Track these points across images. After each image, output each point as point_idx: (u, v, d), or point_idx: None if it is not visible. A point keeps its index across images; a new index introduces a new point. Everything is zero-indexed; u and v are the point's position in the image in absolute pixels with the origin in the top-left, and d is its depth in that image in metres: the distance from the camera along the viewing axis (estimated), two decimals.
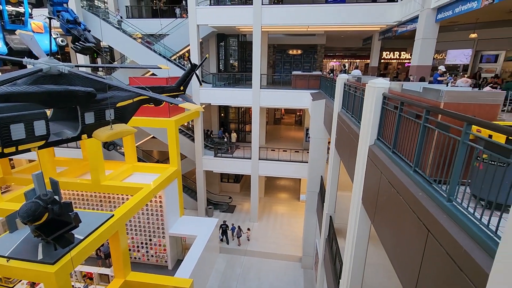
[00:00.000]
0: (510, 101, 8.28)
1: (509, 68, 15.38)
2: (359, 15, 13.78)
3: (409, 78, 10.41)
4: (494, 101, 2.86)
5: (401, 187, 3.44)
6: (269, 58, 20.98)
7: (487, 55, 15.67)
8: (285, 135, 22.90)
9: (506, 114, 7.98)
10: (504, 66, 15.36)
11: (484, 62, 15.72)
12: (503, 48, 15.03)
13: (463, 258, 2.16)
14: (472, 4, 7.98)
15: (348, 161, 6.83)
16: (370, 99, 4.83)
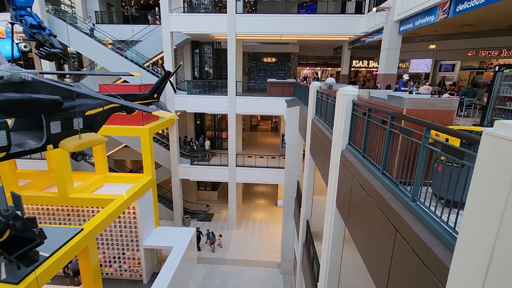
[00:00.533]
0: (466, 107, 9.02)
1: (465, 76, 16.77)
2: (330, 25, 14.39)
3: (377, 85, 10.98)
4: (449, 107, 3.11)
5: (371, 189, 3.61)
6: (244, 65, 21.18)
7: (445, 65, 16.99)
8: (262, 141, 23.07)
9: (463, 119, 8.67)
10: (460, 74, 16.72)
11: (443, 71, 17.03)
12: (458, 58, 16.38)
13: (427, 254, 2.31)
14: (430, 18, 8.64)
15: (322, 166, 7.04)
16: (341, 106, 5.05)
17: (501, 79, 4.77)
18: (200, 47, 20.28)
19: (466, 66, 16.50)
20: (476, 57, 15.54)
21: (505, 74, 4.68)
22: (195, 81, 18.67)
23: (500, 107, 4.72)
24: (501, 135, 1.49)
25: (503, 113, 4.71)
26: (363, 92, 4.86)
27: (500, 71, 4.77)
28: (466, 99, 8.73)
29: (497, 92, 4.89)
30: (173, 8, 15.55)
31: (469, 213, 1.74)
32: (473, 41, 14.72)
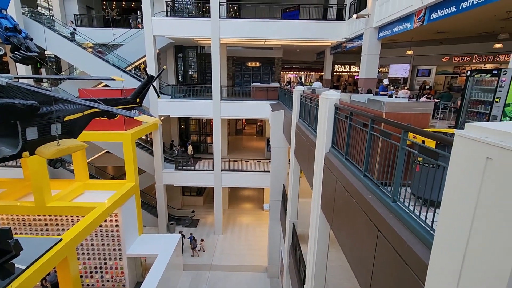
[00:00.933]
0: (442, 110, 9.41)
1: (440, 81, 17.53)
2: (312, 31, 14.70)
3: (358, 90, 11.29)
4: (425, 111, 3.26)
5: (354, 191, 3.69)
6: (228, 70, 21.19)
7: (422, 69, 17.72)
8: (247, 145, 23.07)
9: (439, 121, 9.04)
10: (436, 79, 17.47)
11: (420, 75, 17.74)
12: (434, 64, 17.13)
13: (407, 253, 2.39)
14: (407, 25, 9.02)
15: (307, 169, 7.13)
16: (324, 110, 5.15)
17: (472, 84, 5.04)
18: (184, 51, 20.14)
19: (441, 71, 17.28)
20: (450, 63, 16.32)
21: (476, 78, 4.95)
22: (179, 86, 18.50)
23: (472, 110, 4.98)
24: (471, 136, 1.58)
25: (475, 115, 4.97)
26: (344, 96, 5.00)
27: (471, 76, 5.04)
28: (442, 102, 9.13)
29: (469, 95, 5.15)
30: (155, 12, 15.39)
31: (444, 212, 1.82)
32: (447, 48, 15.46)
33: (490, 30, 11.28)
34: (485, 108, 4.66)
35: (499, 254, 1.39)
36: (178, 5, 18.43)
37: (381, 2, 10.40)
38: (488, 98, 4.66)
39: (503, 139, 1.42)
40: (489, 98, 4.60)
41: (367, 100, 3.89)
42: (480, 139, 1.52)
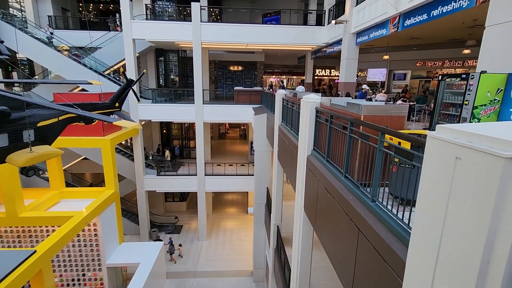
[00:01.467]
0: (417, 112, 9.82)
1: (415, 84, 18.32)
2: (293, 36, 14.96)
3: (338, 93, 11.57)
4: (401, 113, 3.39)
5: (335, 192, 3.77)
6: (210, 73, 21.10)
7: (398, 74, 18.46)
8: (231, 149, 22.99)
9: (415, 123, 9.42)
10: (411, 83, 18.24)
11: (396, 79, 18.47)
12: (409, 68, 17.90)
13: (386, 251, 2.46)
14: (382, 31, 9.38)
15: (290, 172, 7.19)
16: (305, 113, 5.24)
17: (444, 87, 5.30)
18: (165, 54, 19.86)
19: (416, 75, 18.08)
20: (424, 67, 17.11)
21: (447, 82, 5.21)
22: (160, 89, 18.18)
23: (444, 112, 5.23)
24: (441, 137, 1.66)
25: (447, 117, 5.21)
26: (325, 99, 5.11)
27: (442, 80, 5.30)
28: (417, 105, 9.53)
29: (441, 98, 5.41)
30: (135, 15, 15.12)
31: (419, 210, 1.90)
32: (420, 53, 16.22)
33: (459, 36, 11.95)
34: (456, 111, 4.90)
35: (469, 249, 1.47)
36: (158, 8, 18.20)
37: (359, 8, 10.76)
38: (458, 101, 4.90)
39: (470, 139, 1.50)
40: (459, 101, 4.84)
41: (346, 103, 3.99)
42: (450, 140, 1.60)
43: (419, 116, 9.90)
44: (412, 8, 7.67)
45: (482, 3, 5.43)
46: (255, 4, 21.32)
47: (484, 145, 1.40)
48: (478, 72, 4.24)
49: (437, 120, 5.40)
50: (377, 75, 18.07)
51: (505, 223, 1.32)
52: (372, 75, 18.69)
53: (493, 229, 1.36)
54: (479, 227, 1.41)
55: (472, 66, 14.50)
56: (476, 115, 4.39)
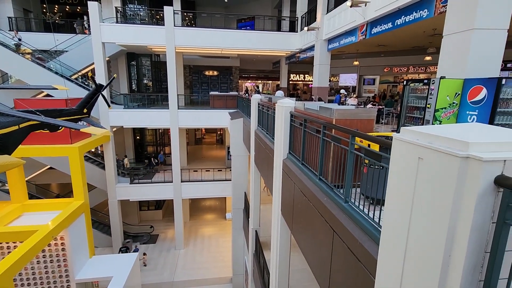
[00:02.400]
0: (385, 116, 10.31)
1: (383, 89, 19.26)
2: (267, 41, 15.18)
3: (312, 97, 11.87)
4: (369, 117, 3.55)
5: (310, 194, 3.84)
6: (185, 78, 20.81)
7: (368, 79, 19.33)
8: (207, 154, 22.72)
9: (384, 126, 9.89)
10: (380, 87, 19.17)
11: (366, 84, 19.33)
12: (377, 74, 18.82)
13: (359, 250, 2.54)
14: (352, 38, 9.80)
15: (267, 176, 7.23)
16: (280, 117, 5.32)
17: (408, 92, 5.63)
18: (137, 59, 19.32)
19: (384, 80, 19.05)
20: (391, 73, 18.09)
21: (411, 87, 5.54)
22: (133, 95, 17.61)
23: (410, 115, 5.54)
24: (405, 139, 1.76)
25: (412, 120, 5.54)
26: (299, 104, 5.22)
27: (407, 85, 5.63)
28: (386, 109, 10.02)
29: (406, 102, 5.73)
30: (104, 18, 14.58)
31: (388, 209, 1.98)
32: (387, 59, 17.13)
33: (421, 44, 12.78)
34: (420, 113, 5.22)
35: (433, 244, 1.55)
36: (129, 11, 17.70)
37: (329, 16, 11.17)
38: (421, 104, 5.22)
39: (430, 141, 1.60)
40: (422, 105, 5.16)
41: (319, 107, 4.11)
42: (413, 142, 1.70)
43: (388, 119, 10.41)
44: (378, 17, 8.10)
45: (440, 14, 5.86)
46: (229, 9, 21.42)
47: (443, 145, 1.50)
48: (438, 77, 4.55)
49: (403, 123, 5.71)
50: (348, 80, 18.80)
51: (463, 218, 1.41)
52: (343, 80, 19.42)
53: (453, 224, 1.45)
54: (440, 223, 1.51)
55: (433, 72, 15.54)
56: (438, 118, 4.69)
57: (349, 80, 18.76)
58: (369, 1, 8.20)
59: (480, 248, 1.41)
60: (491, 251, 1.40)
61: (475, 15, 4.25)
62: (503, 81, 3.93)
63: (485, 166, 1.32)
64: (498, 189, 1.35)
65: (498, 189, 1.35)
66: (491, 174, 1.34)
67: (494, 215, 1.38)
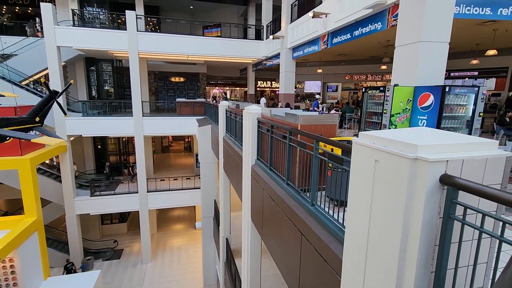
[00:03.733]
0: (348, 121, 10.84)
1: (346, 95, 20.31)
2: (233, 48, 15.29)
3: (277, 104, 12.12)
4: (332, 122, 3.71)
5: (279, 199, 3.90)
6: (150, 85, 20.16)
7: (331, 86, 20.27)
8: (175, 162, 22.09)
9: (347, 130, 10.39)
10: (342, 94, 20.18)
11: (330, 91, 20.25)
12: (339, 81, 19.82)
13: (325, 251, 2.62)
14: (314, 47, 10.24)
15: (236, 182, 7.20)
16: (248, 124, 5.36)
17: (367, 98, 6.01)
18: (97, 64, 18.32)
19: (346, 87, 20.10)
20: (352, 80, 19.17)
21: (369, 94, 5.92)
22: (93, 102, 16.61)
23: (369, 120, 5.91)
24: (363, 143, 1.87)
25: (371, 124, 5.91)
26: (266, 110, 5.30)
27: (366, 92, 6.01)
28: (347, 114, 10.56)
29: (366, 108, 6.11)
30: (60, 20, 13.69)
31: (350, 210, 2.08)
32: (348, 67, 18.14)
33: (377, 54, 13.74)
34: (378, 119, 5.60)
35: (390, 240, 1.66)
36: (88, 14, 16.81)
37: (293, 26, 11.58)
38: (379, 110, 5.60)
39: (385, 144, 1.72)
40: (380, 110, 5.54)
41: (285, 113, 4.21)
42: (370, 145, 1.81)
43: (350, 124, 10.98)
44: (338, 28, 8.57)
45: (392, 27, 6.36)
46: (194, 16, 21.28)
47: (395, 148, 1.62)
48: (392, 85, 4.92)
49: (363, 127, 6.06)
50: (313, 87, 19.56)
51: (415, 215, 1.53)
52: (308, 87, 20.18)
53: (407, 220, 1.57)
54: (396, 220, 1.61)
55: (389, 79, 16.77)
56: (394, 122, 5.06)
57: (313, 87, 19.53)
58: (329, 13, 8.66)
59: (430, 242, 1.53)
60: (439, 244, 1.53)
61: (421, 29, 4.69)
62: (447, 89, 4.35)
63: (431, 166, 1.45)
64: (443, 187, 1.49)
65: (443, 187, 1.49)
66: (437, 173, 1.47)
67: (440, 211, 1.52)
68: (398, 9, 5.47)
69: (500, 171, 1.60)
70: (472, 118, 4.90)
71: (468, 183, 1.37)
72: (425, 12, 4.72)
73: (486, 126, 10.32)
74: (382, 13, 6.62)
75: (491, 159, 1.56)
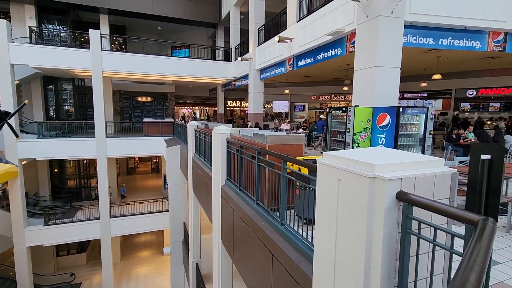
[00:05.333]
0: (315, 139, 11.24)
1: (312, 115, 21.18)
2: (202, 69, 15.42)
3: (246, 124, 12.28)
4: (299, 142, 3.84)
5: (249, 220, 3.86)
6: (115, 104, 19.41)
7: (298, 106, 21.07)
8: (142, 185, 21.06)
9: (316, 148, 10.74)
10: (309, 113, 21.02)
11: (297, 110, 21.01)
12: (306, 101, 20.70)
13: (296, 271, 2.62)
14: (281, 69, 10.70)
15: (206, 204, 7.03)
16: (217, 144, 5.33)
17: (331, 118, 6.34)
18: (57, 83, 17.30)
19: (312, 107, 21.01)
20: (317, 100, 20.12)
21: (333, 114, 6.26)
22: (50, 122, 15.51)
23: (334, 139, 6.20)
24: (327, 163, 1.95)
25: (336, 143, 6.20)
26: (235, 130, 5.34)
27: (330, 112, 6.35)
28: (314, 133, 10.96)
29: (331, 127, 6.42)
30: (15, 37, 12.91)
31: (317, 228, 2.12)
32: (313, 88, 19.08)
33: (339, 77, 14.68)
34: (342, 137, 5.89)
35: (356, 257, 1.71)
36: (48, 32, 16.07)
37: (261, 48, 12.04)
38: (342, 129, 5.91)
39: (346, 164, 1.81)
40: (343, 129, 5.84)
41: (253, 134, 4.27)
42: (333, 165, 1.89)
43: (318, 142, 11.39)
44: (302, 52, 9.07)
45: (350, 52, 6.88)
46: (162, 36, 21.29)
47: (356, 168, 1.72)
48: (353, 106, 5.25)
49: (329, 146, 6.32)
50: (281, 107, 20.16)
51: (376, 231, 1.60)
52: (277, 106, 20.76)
53: (369, 237, 1.64)
54: (360, 237, 1.68)
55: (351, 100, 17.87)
56: (356, 140, 5.36)
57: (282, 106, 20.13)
58: (294, 38, 9.17)
59: (391, 256, 1.61)
60: (399, 258, 1.61)
61: (375, 55, 5.13)
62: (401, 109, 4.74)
63: (388, 184, 1.55)
64: (399, 203, 1.59)
65: (399, 203, 1.59)
66: (393, 191, 1.57)
67: (399, 226, 1.61)
68: (355, 37, 5.97)
69: (447, 186, 1.75)
70: (424, 136, 5.36)
71: (420, 199, 1.48)
72: (378, 41, 5.19)
73: (437, 142, 11.31)
74: (341, 40, 7.16)
75: (439, 175, 1.71)
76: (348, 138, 5.53)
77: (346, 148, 5.55)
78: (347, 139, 5.53)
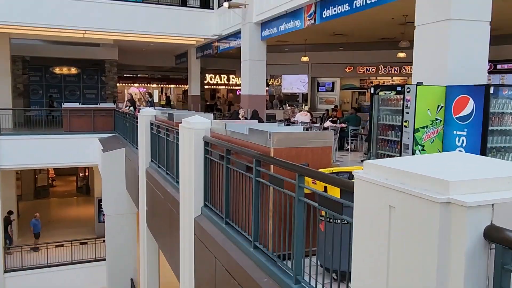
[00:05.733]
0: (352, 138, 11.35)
1: (347, 98, 21.28)
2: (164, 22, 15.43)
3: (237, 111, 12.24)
4: (325, 143, 3.86)
5: (242, 274, 3.87)
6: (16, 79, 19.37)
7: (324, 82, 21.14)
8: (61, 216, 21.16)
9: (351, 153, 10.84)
10: (341, 95, 21.11)
11: (322, 90, 21.08)
12: (336, 75, 20.77)
13: None
14: (296, 23, 10.77)
15: (169, 247, 7.04)
16: (188, 146, 5.36)
17: (378, 103, 6.38)
18: None
19: (347, 85, 21.10)
20: (355, 74, 20.20)
21: (381, 97, 6.30)
22: None
23: (382, 138, 6.24)
24: (369, 178, 1.97)
25: (387, 144, 6.24)
26: (218, 124, 5.37)
27: (375, 93, 6.39)
28: (350, 127, 11.04)
29: (377, 119, 6.46)
30: None
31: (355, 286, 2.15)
32: (349, 54, 19.15)
33: (391, 35, 14.76)
34: (396, 135, 5.93)
35: None
36: None
37: None
38: (397, 121, 5.95)
39: (402, 180, 1.83)
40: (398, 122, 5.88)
41: (249, 130, 4.29)
42: (380, 182, 1.91)
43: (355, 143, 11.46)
44: None
45: None
46: None
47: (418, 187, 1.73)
48: (414, 84, 5.30)
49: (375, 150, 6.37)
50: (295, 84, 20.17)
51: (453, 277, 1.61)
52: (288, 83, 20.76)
53: None
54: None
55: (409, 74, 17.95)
56: (419, 141, 5.40)
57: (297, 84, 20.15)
58: None
59: None
60: None
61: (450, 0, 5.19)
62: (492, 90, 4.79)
63: (471, 214, 1.56)
64: (490, 245, 1.61)
65: (489, 245, 1.61)
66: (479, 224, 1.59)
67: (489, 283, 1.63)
68: None
69: None
70: None
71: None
72: None
73: None
74: None
75: None
76: (406, 136, 5.57)
77: (403, 153, 5.58)
78: (405, 138, 5.57)
